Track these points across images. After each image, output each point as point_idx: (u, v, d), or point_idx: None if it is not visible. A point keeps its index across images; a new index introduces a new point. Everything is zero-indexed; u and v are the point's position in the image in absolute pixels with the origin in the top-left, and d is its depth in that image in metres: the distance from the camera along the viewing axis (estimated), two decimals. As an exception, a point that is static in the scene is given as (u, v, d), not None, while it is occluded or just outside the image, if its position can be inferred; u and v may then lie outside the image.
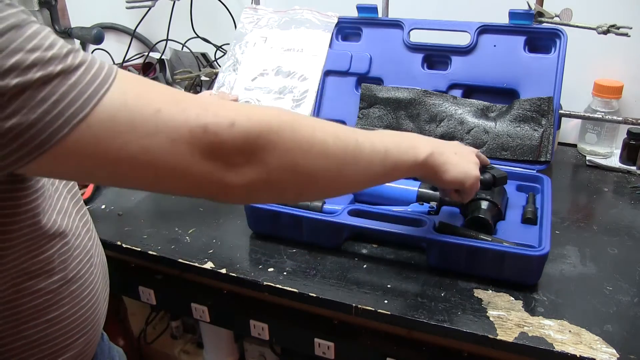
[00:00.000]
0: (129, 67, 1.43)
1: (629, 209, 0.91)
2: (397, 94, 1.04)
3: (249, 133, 0.42)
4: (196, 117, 0.41)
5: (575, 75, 1.10)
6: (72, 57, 0.38)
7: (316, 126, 0.48)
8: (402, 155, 0.57)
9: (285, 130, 0.45)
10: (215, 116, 0.41)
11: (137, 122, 0.39)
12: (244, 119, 0.42)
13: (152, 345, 1.47)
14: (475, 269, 0.72)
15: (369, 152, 0.52)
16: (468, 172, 0.64)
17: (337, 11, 1.11)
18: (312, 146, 0.47)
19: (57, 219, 0.51)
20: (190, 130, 0.40)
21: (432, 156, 0.60)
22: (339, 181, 0.51)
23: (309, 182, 0.49)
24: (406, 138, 0.59)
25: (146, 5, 1.27)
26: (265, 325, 0.79)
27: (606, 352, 0.60)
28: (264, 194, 0.47)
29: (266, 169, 0.44)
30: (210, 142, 0.41)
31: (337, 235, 0.79)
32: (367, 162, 0.53)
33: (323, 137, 0.48)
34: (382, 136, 0.56)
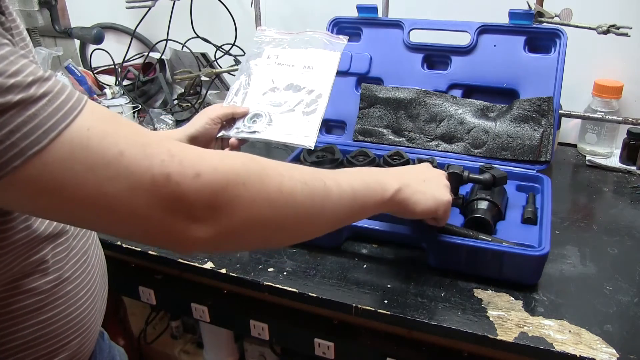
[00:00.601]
0: (129, 68, 1.43)
1: (629, 209, 0.91)
2: (397, 94, 1.04)
3: (214, 186, 0.41)
4: (160, 165, 0.39)
5: (575, 75, 1.10)
6: (36, 86, 0.36)
7: (284, 174, 0.46)
8: (369, 195, 0.56)
9: (254, 181, 0.43)
10: (181, 165, 0.39)
11: (98, 164, 0.37)
12: (210, 169, 0.40)
13: (152, 345, 1.47)
14: (475, 269, 0.72)
15: (337, 196, 0.51)
16: (439, 199, 0.63)
17: (337, 11, 1.11)
18: (280, 196, 0.45)
19: (52, 221, 0.51)
20: (153, 178, 0.38)
21: (399, 192, 0.59)
22: (307, 228, 0.51)
23: (276, 232, 0.47)
24: (373, 175, 0.58)
25: (146, 5, 1.27)
26: (265, 325, 0.79)
27: (606, 352, 0.60)
28: (227, 245, 0.46)
29: (231, 223, 0.42)
30: (172, 193, 0.39)
31: (337, 235, 0.79)
32: (335, 207, 0.52)
33: (291, 185, 0.46)
34: (349, 176, 0.55)
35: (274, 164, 0.47)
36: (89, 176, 0.37)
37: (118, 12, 1.53)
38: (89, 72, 1.41)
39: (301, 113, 0.83)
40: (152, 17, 1.37)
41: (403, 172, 0.63)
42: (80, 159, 0.37)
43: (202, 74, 1.28)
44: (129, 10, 1.29)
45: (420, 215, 0.63)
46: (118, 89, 1.29)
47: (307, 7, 1.33)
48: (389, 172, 0.62)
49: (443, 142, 1.01)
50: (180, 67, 1.41)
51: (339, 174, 0.54)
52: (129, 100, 1.28)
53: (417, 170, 0.65)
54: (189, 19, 1.35)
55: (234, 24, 1.35)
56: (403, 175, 0.61)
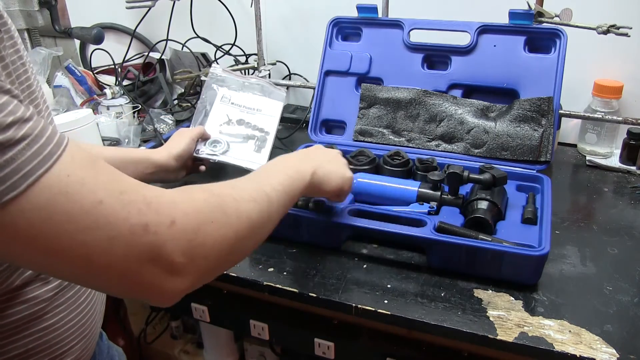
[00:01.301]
0: (129, 68, 1.43)
1: (629, 209, 0.91)
2: (397, 94, 1.04)
3: (188, 231, 0.41)
4: (138, 214, 0.38)
5: (575, 75, 1.10)
6: (15, 128, 0.35)
7: (237, 198, 0.49)
8: (295, 186, 0.60)
9: (218, 217, 0.45)
10: (157, 214, 0.39)
11: (76, 213, 0.36)
12: (182, 215, 0.41)
13: (152, 345, 1.47)
14: (475, 269, 0.72)
15: (276, 201, 0.55)
16: (344, 176, 0.70)
17: (337, 11, 1.11)
18: (240, 222, 0.47)
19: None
20: (131, 228, 0.38)
21: (315, 174, 0.65)
22: (261, 237, 0.53)
23: (240, 252, 0.50)
24: (292, 165, 0.63)
25: (146, 5, 1.27)
26: (265, 325, 0.79)
27: (606, 352, 0.60)
28: (204, 282, 0.47)
29: (207, 264, 0.44)
30: (150, 243, 0.39)
31: (337, 235, 0.79)
32: (277, 210, 0.55)
33: (246, 208, 0.49)
34: (276, 174, 0.59)
35: (227, 190, 0.49)
36: (67, 225, 0.36)
37: (118, 12, 1.53)
38: (89, 72, 1.41)
39: (254, 146, 1.03)
40: (152, 17, 1.37)
41: (312, 155, 0.69)
42: (58, 206, 0.36)
43: (202, 74, 1.28)
44: (129, 10, 1.29)
45: (330, 193, 0.68)
46: (118, 89, 1.29)
47: (307, 7, 1.33)
48: (300, 158, 0.67)
49: (443, 142, 1.01)
50: (180, 67, 1.41)
51: (270, 176, 0.58)
52: (129, 100, 1.28)
53: (319, 153, 0.71)
54: (189, 19, 1.35)
55: (234, 24, 1.35)
56: (313, 159, 0.67)
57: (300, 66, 1.40)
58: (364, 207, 0.80)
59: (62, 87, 1.34)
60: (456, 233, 0.73)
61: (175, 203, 0.42)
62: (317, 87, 1.11)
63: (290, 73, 1.41)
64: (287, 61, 1.40)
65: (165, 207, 0.40)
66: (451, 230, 0.73)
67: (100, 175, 0.39)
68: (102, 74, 1.47)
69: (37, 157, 0.35)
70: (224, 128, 1.04)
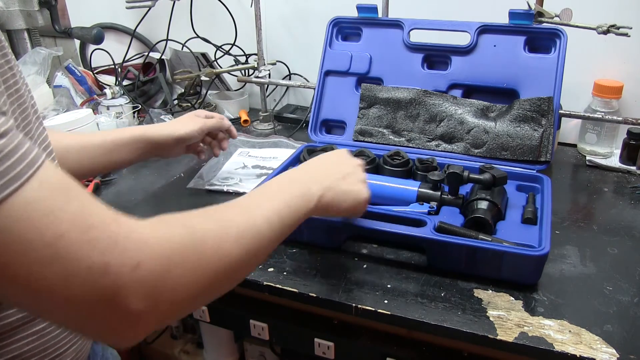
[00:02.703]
0: (129, 68, 1.43)
1: (629, 209, 0.91)
2: (397, 94, 1.04)
3: (154, 274, 0.38)
4: (100, 253, 0.36)
5: (575, 75, 1.10)
6: None
7: (221, 236, 0.45)
8: (296, 213, 0.56)
9: (192, 259, 0.42)
10: (122, 254, 0.37)
11: (36, 244, 0.34)
12: (149, 256, 0.38)
13: (152, 345, 1.47)
14: (475, 269, 0.72)
15: (268, 236, 0.51)
16: (358, 198, 0.64)
17: (337, 11, 1.11)
18: (219, 263, 0.44)
19: None
20: (90, 267, 0.35)
21: (323, 198, 0.60)
22: (242, 276, 0.50)
23: (215, 294, 0.46)
24: (297, 187, 0.58)
25: (146, 5, 1.27)
26: (265, 325, 0.79)
27: (606, 352, 0.60)
28: (171, 322, 0.44)
29: (172, 308, 0.41)
30: (110, 285, 0.36)
31: (337, 235, 0.79)
32: (269, 244, 0.52)
33: (229, 249, 0.45)
34: (277, 199, 0.55)
35: (210, 226, 0.45)
36: (24, 255, 0.34)
37: (118, 12, 1.53)
38: (89, 72, 1.41)
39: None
40: (152, 17, 1.37)
41: (323, 171, 0.63)
42: (17, 234, 0.33)
43: (202, 74, 1.28)
44: (129, 10, 1.30)
45: (341, 215, 0.65)
46: (118, 89, 1.29)
47: (307, 7, 1.33)
48: (311, 175, 0.62)
49: (443, 142, 1.01)
50: (180, 67, 1.41)
51: (268, 201, 0.54)
52: (129, 100, 1.28)
53: (336, 167, 0.65)
54: (189, 19, 1.35)
55: (234, 24, 1.35)
56: (324, 178, 0.62)
57: (300, 66, 1.40)
58: (364, 207, 0.80)
59: (62, 87, 1.34)
60: (456, 233, 0.73)
61: (145, 242, 0.39)
62: (317, 87, 1.11)
63: (290, 73, 1.41)
64: (287, 61, 1.40)
65: (132, 247, 0.38)
66: (451, 230, 0.73)
67: (70, 205, 0.36)
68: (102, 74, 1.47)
69: (2, 178, 0.33)
70: (239, 171, 1.06)
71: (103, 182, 1.02)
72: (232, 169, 1.07)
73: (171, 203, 0.96)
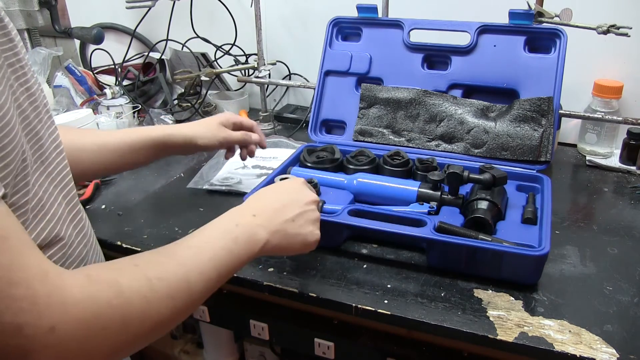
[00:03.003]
0: (129, 68, 1.43)
1: (629, 209, 0.91)
2: (397, 94, 1.04)
3: (69, 340, 0.37)
4: (16, 313, 0.35)
5: (575, 75, 1.10)
6: None
7: (149, 297, 0.44)
8: (237, 259, 0.54)
9: (115, 326, 0.41)
10: (39, 317, 0.36)
11: None
12: (67, 321, 0.37)
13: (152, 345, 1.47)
14: (475, 269, 0.72)
15: (200, 292, 0.49)
16: (307, 242, 0.62)
17: (337, 11, 1.11)
18: (143, 327, 0.43)
19: (45, 228, 0.49)
20: (2, 326, 0.35)
21: (269, 243, 0.58)
22: (165, 331, 0.48)
23: (133, 350, 0.45)
24: (243, 230, 0.56)
25: (146, 5, 1.27)
26: (265, 325, 0.79)
27: (606, 352, 0.60)
28: None
29: None
30: (20, 347, 0.35)
31: (337, 235, 0.79)
32: (198, 300, 0.50)
33: (157, 308, 0.44)
34: (219, 246, 0.52)
35: (140, 285, 0.44)
36: None
37: (118, 12, 1.53)
38: (89, 72, 1.41)
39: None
40: (152, 17, 1.37)
41: (272, 212, 0.60)
42: None
43: (202, 74, 1.28)
44: (129, 10, 1.29)
45: (289, 255, 0.62)
46: (118, 89, 1.29)
47: (307, 7, 1.33)
48: (258, 217, 0.58)
49: (443, 142, 1.01)
50: (180, 67, 1.41)
51: (208, 249, 0.51)
52: (129, 100, 1.28)
53: (286, 207, 0.61)
54: (189, 19, 1.35)
55: (234, 24, 1.35)
56: (272, 220, 0.59)
57: (300, 66, 1.40)
58: (364, 207, 0.80)
59: (62, 87, 1.34)
60: (456, 233, 0.73)
61: (65, 306, 0.37)
62: (317, 87, 1.11)
63: (290, 73, 1.41)
64: (287, 61, 1.40)
65: (51, 310, 0.37)
66: (451, 230, 0.73)
67: (0, 257, 0.35)
68: (102, 74, 1.47)
69: None
70: (239, 171, 1.06)
71: (103, 182, 1.02)
72: (232, 169, 1.06)
73: (171, 203, 0.95)
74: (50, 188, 0.50)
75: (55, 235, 0.50)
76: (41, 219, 0.47)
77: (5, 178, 0.39)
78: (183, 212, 0.91)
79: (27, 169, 0.43)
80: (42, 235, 0.48)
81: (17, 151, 0.40)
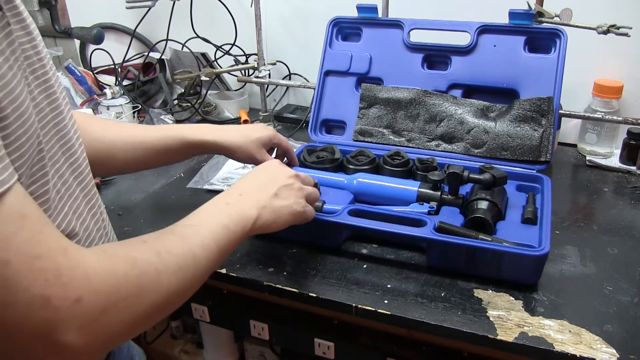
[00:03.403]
0: (129, 68, 1.43)
1: (629, 209, 0.91)
2: (397, 94, 1.04)
3: (94, 310, 0.39)
4: (42, 285, 0.36)
5: (575, 75, 1.10)
6: None
7: (160, 269, 0.46)
8: (233, 236, 0.57)
9: (133, 293, 0.43)
10: (64, 288, 0.37)
11: None
12: (92, 292, 0.39)
13: (152, 345, 1.47)
14: (475, 269, 0.72)
15: (205, 263, 0.52)
16: (294, 213, 0.65)
17: (337, 11, 1.11)
18: (157, 296, 0.45)
19: (62, 222, 0.50)
20: (30, 299, 0.36)
21: (259, 219, 0.61)
22: (178, 304, 0.51)
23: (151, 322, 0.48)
24: (233, 211, 0.59)
25: (146, 5, 1.27)
26: (265, 325, 0.79)
27: (606, 352, 0.60)
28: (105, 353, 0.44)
29: (109, 339, 0.42)
30: (47, 319, 0.36)
31: (337, 235, 0.79)
32: (204, 272, 0.53)
33: (168, 280, 0.47)
34: (215, 222, 0.56)
35: (152, 258, 0.46)
36: None
37: (118, 12, 1.53)
38: (89, 72, 1.41)
39: None
40: (152, 17, 1.37)
41: (257, 191, 0.63)
42: None
43: (202, 74, 1.28)
44: (129, 10, 1.29)
45: (283, 228, 0.65)
46: (118, 89, 1.29)
47: (307, 7, 1.33)
48: (246, 197, 0.62)
49: (443, 142, 1.01)
50: (180, 67, 1.41)
51: (206, 225, 0.55)
52: (129, 100, 1.28)
53: (268, 185, 0.65)
54: (189, 19, 1.35)
55: (234, 24, 1.35)
56: (258, 198, 0.62)
57: (300, 66, 1.40)
58: (364, 207, 0.80)
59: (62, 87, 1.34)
60: (456, 233, 0.73)
61: (88, 278, 0.39)
62: (317, 87, 1.11)
63: (290, 73, 1.41)
64: (287, 61, 1.40)
65: (76, 282, 0.38)
66: (451, 230, 0.73)
67: (21, 233, 0.36)
68: (102, 74, 1.47)
69: None
70: (239, 170, 1.06)
71: (103, 182, 1.02)
72: (232, 169, 1.06)
73: (171, 203, 0.96)
74: (70, 180, 0.51)
75: (72, 229, 0.51)
76: (59, 212, 0.48)
77: (20, 168, 0.40)
78: (183, 212, 0.90)
79: (43, 160, 0.44)
80: (59, 228, 0.49)
81: (31, 142, 0.41)
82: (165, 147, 0.80)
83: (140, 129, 0.82)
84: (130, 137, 0.78)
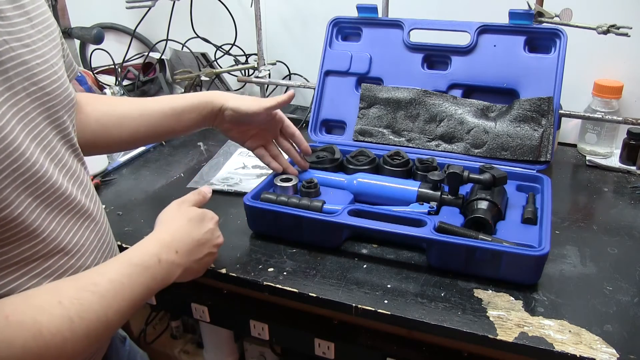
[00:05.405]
0: (129, 68, 1.43)
1: (629, 209, 0.91)
2: (397, 94, 1.04)
3: None
4: None
5: (575, 75, 1.10)
6: None
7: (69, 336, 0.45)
8: (151, 293, 0.57)
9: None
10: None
11: None
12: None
13: (152, 345, 1.47)
14: (475, 269, 0.72)
15: (118, 321, 0.52)
16: (207, 267, 0.68)
17: (337, 11, 1.11)
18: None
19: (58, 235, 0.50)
20: None
21: (179, 278, 0.62)
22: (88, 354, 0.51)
23: None
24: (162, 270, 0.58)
25: (146, 5, 1.27)
26: (265, 325, 0.79)
27: (606, 352, 0.60)
28: None
29: None
30: None
31: (337, 235, 0.79)
32: (117, 326, 0.52)
33: (73, 347, 0.46)
34: (134, 286, 0.54)
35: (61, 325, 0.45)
36: None
37: (118, 12, 1.52)
38: (89, 72, 1.41)
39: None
40: (152, 17, 1.37)
41: (189, 252, 0.63)
42: None
43: (202, 74, 1.28)
44: (129, 10, 1.29)
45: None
46: (118, 89, 1.29)
47: (307, 7, 1.33)
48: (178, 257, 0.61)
49: (443, 142, 1.01)
50: (180, 67, 1.41)
51: (128, 285, 0.53)
52: (129, 100, 1.28)
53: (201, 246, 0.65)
54: (189, 19, 1.35)
55: (234, 24, 1.35)
56: (188, 258, 0.63)
57: (300, 66, 1.40)
58: (364, 207, 0.80)
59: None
60: (456, 233, 0.73)
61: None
62: (317, 87, 1.11)
63: (290, 73, 1.41)
64: (287, 61, 1.40)
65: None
66: (451, 230, 0.73)
67: None
68: (102, 73, 1.47)
69: None
70: (239, 170, 1.06)
71: (103, 182, 1.02)
72: (232, 169, 1.07)
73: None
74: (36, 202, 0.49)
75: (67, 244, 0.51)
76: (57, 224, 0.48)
77: None
78: (183, 212, 0.91)
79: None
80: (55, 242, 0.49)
81: None
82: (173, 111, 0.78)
83: (150, 99, 0.81)
84: (138, 108, 0.77)
